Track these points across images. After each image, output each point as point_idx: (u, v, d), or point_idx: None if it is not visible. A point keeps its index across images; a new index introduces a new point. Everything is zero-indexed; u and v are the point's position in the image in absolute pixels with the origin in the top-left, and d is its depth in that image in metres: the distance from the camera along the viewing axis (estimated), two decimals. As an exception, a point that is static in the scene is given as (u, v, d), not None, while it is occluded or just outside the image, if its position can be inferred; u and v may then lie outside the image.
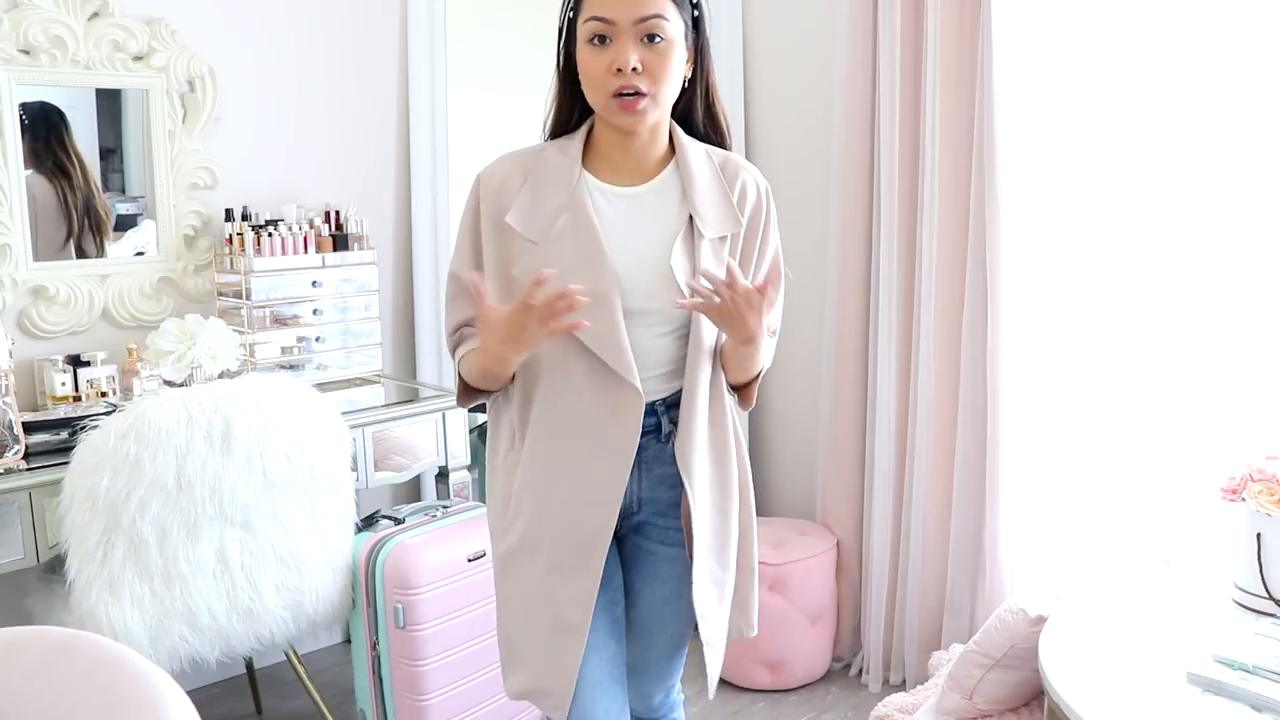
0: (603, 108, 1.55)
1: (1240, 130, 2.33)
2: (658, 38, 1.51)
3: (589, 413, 1.57)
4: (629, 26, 1.50)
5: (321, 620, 2.43)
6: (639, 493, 1.66)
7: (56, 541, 2.18)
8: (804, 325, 3.19)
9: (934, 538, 2.81)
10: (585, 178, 1.60)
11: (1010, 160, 2.58)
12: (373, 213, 3.19)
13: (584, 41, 1.53)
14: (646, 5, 1.50)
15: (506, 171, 1.61)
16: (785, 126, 3.19)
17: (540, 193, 1.58)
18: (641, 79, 1.51)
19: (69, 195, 2.70)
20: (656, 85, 1.52)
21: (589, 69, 1.53)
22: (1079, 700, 1.66)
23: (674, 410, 1.63)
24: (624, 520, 1.66)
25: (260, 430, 2.26)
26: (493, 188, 1.60)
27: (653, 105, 1.54)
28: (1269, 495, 1.92)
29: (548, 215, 1.57)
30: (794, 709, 2.87)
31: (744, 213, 1.63)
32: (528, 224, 1.57)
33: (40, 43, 2.59)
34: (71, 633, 1.60)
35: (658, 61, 1.51)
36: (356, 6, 3.17)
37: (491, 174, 1.62)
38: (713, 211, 1.60)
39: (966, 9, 2.62)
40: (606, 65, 1.51)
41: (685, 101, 1.63)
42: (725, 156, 1.66)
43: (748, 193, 1.64)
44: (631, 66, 1.49)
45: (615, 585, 1.70)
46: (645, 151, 1.61)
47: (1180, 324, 2.46)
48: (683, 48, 1.55)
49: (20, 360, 2.61)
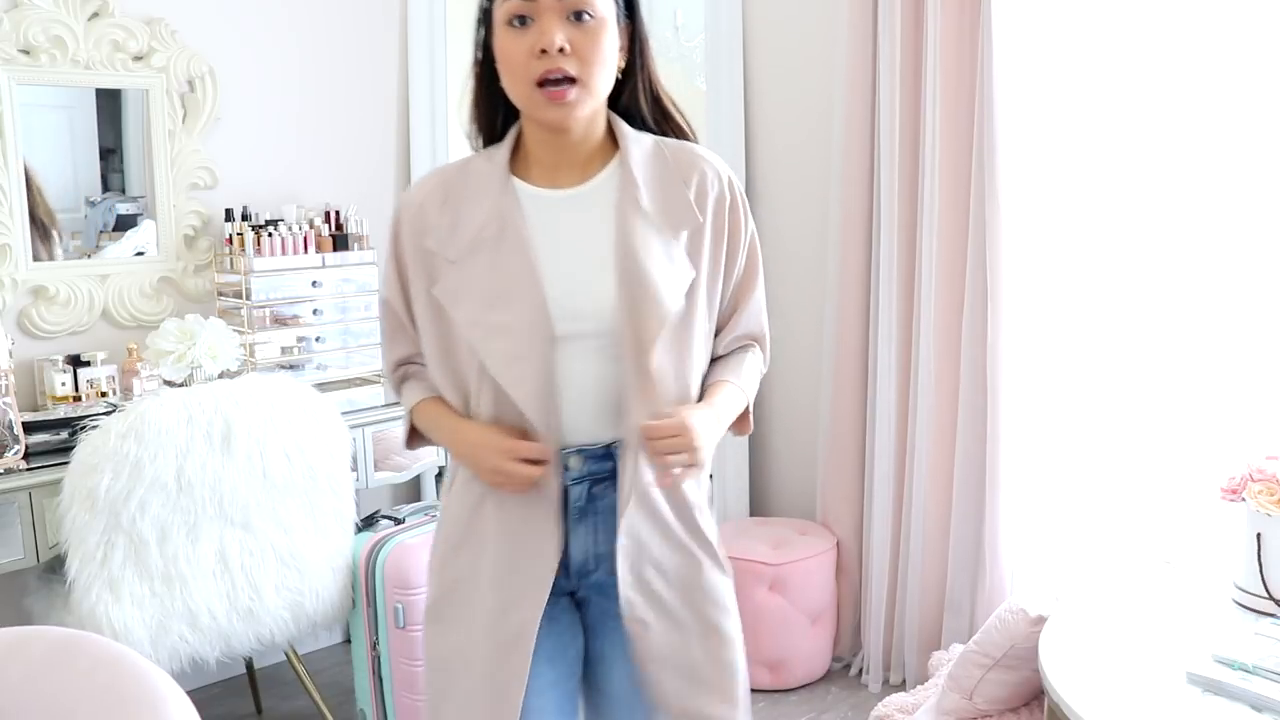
0: (526, 100, 1.35)
1: (1240, 130, 2.33)
2: (586, 15, 1.31)
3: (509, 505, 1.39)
4: (553, 2, 1.30)
5: (321, 620, 2.43)
6: (594, 549, 1.43)
7: (56, 541, 2.18)
8: (804, 325, 3.19)
9: (934, 538, 2.81)
10: (513, 185, 1.41)
11: (1010, 160, 2.58)
12: (373, 213, 3.19)
13: (502, 24, 1.33)
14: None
15: (427, 193, 1.43)
16: (785, 128, 3.19)
17: (461, 210, 1.40)
18: (569, 61, 1.30)
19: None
20: (587, 69, 1.32)
21: (508, 54, 1.33)
22: (1079, 700, 1.66)
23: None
24: (581, 580, 1.44)
25: (260, 430, 2.26)
26: (412, 213, 1.43)
27: (584, 94, 1.33)
28: (1269, 495, 1.92)
29: (469, 231, 1.38)
30: (794, 709, 2.87)
31: (705, 210, 1.41)
32: (446, 244, 1.39)
33: (40, 43, 2.59)
34: (71, 632, 1.60)
35: (587, 42, 1.31)
36: (356, 6, 3.17)
37: (410, 199, 1.45)
38: (664, 209, 1.39)
39: (966, 10, 2.62)
40: (528, 48, 1.31)
41: (627, 94, 1.43)
42: (679, 146, 1.45)
43: (708, 186, 1.42)
44: (558, 47, 1.29)
45: (570, 659, 1.48)
46: (580, 148, 1.40)
47: (1180, 324, 2.46)
48: (615, 31, 1.35)
49: (20, 360, 2.60)
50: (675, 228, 1.39)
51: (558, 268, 1.37)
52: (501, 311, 1.34)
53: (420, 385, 1.50)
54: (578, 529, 1.42)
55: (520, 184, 1.41)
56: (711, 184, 1.43)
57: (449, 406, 1.44)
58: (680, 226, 1.40)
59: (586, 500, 1.41)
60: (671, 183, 1.41)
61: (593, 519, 1.42)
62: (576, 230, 1.39)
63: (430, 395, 1.47)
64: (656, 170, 1.41)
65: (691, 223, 1.40)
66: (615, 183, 1.40)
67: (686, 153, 1.44)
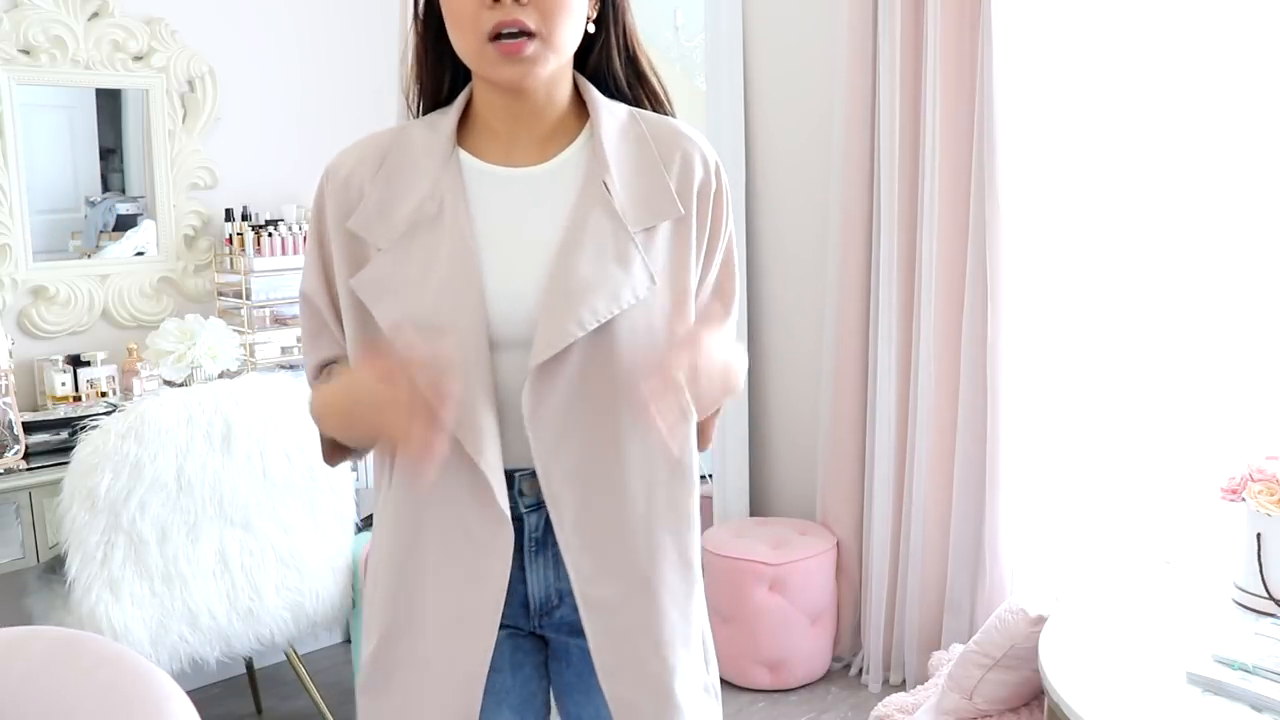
0: (476, 56, 1.12)
1: (1240, 130, 2.33)
2: None
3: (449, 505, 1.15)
4: None
5: (321, 620, 2.43)
6: (555, 583, 1.21)
7: (56, 541, 2.18)
8: (804, 326, 3.19)
9: (934, 538, 2.81)
10: (460, 158, 1.19)
11: (1010, 161, 2.58)
12: (373, 213, 3.19)
13: None
14: None
15: (356, 160, 1.21)
16: (785, 128, 3.19)
17: (396, 185, 1.17)
18: (527, 12, 1.09)
19: None
20: (548, 22, 1.10)
21: (455, 10, 1.11)
22: (1079, 700, 1.66)
23: None
24: (543, 619, 1.24)
25: (260, 430, 2.26)
26: (337, 185, 1.20)
27: (544, 49, 1.11)
28: (1269, 495, 1.92)
29: (402, 211, 1.15)
30: (794, 709, 2.87)
31: (688, 201, 1.18)
32: (372, 225, 1.16)
33: (40, 43, 2.59)
34: (72, 632, 1.60)
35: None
36: (356, 7, 3.17)
37: (336, 168, 1.22)
38: (636, 194, 1.16)
39: (966, 10, 2.62)
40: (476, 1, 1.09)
41: (597, 53, 1.22)
42: (659, 121, 1.23)
43: (692, 169, 1.19)
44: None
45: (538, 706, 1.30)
46: (542, 117, 1.19)
47: (1180, 324, 2.46)
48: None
49: (20, 360, 2.60)
50: (650, 220, 1.16)
51: (502, 262, 1.14)
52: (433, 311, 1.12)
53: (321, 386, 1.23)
54: (535, 561, 1.20)
55: (467, 158, 1.19)
56: (696, 170, 1.20)
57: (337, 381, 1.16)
58: (656, 218, 1.17)
59: (543, 529, 1.19)
60: (649, 166, 1.18)
61: (552, 549, 1.19)
62: (529, 217, 1.17)
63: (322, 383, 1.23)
64: (632, 149, 1.19)
65: (671, 213, 1.17)
66: (582, 162, 1.18)
67: (667, 129, 1.22)
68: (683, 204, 1.18)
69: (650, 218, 1.16)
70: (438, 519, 1.17)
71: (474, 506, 1.14)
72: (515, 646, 1.25)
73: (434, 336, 1.10)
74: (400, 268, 1.14)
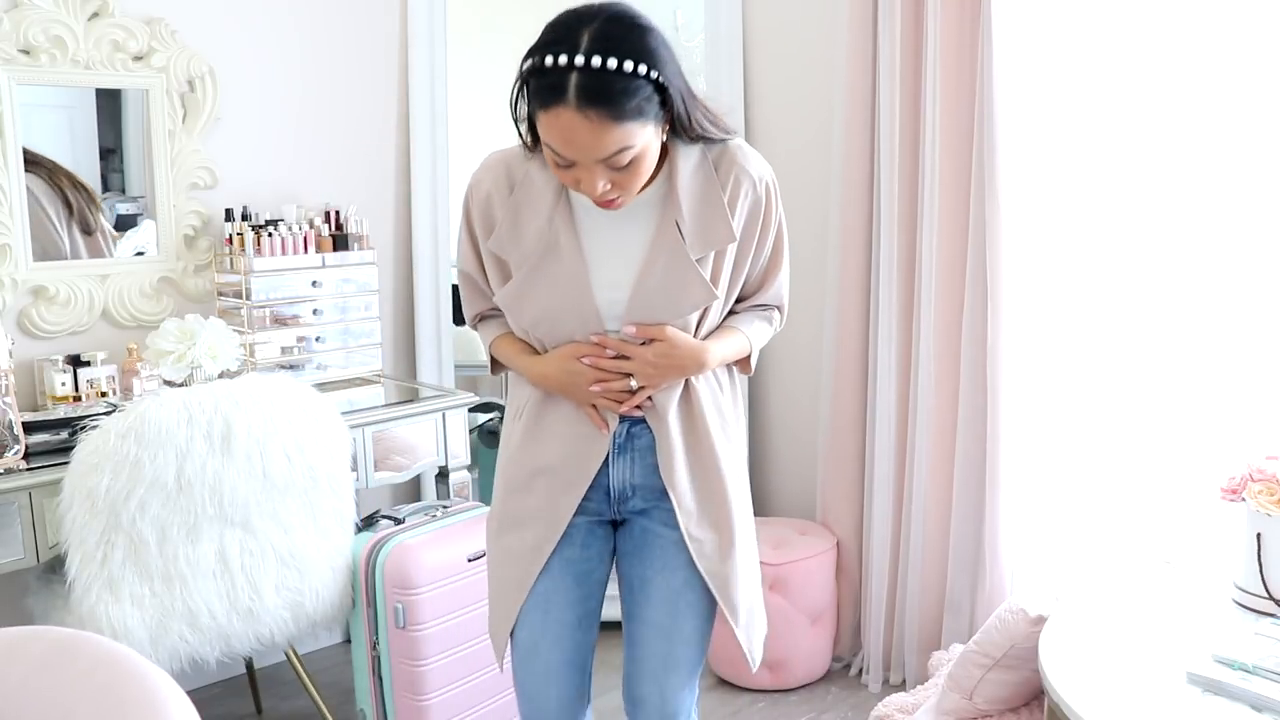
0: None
1: (1240, 130, 2.33)
2: (623, 161, 1.45)
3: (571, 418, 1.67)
4: (591, 164, 1.45)
5: (321, 620, 2.42)
6: (631, 479, 1.68)
7: (56, 541, 2.18)
8: (804, 325, 3.19)
9: (934, 538, 2.81)
10: (568, 194, 1.59)
11: (1010, 161, 2.58)
12: (373, 213, 3.19)
13: (546, 149, 1.48)
14: (604, 147, 1.42)
15: (492, 183, 1.62)
16: (785, 129, 3.19)
17: (522, 215, 1.60)
18: (613, 191, 1.49)
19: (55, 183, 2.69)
20: (630, 188, 1.51)
21: (559, 172, 1.50)
22: (1079, 700, 1.66)
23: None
24: (621, 505, 1.71)
25: (260, 430, 2.26)
26: (480, 200, 1.64)
27: (629, 197, 1.53)
28: (1269, 495, 1.92)
29: (529, 242, 1.60)
30: (794, 709, 2.87)
31: (739, 213, 1.61)
32: (509, 251, 1.62)
33: (40, 43, 2.59)
34: (71, 633, 1.60)
35: (627, 177, 1.48)
36: (356, 7, 3.17)
37: (478, 184, 1.65)
38: (702, 227, 1.58)
39: (966, 9, 2.62)
40: (574, 181, 1.49)
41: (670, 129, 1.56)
42: (721, 151, 1.62)
43: (742, 190, 1.61)
44: (600, 191, 1.48)
45: (595, 581, 1.75)
46: None
47: (1180, 324, 2.46)
48: (655, 139, 1.49)
49: (20, 360, 2.60)
50: (709, 245, 1.59)
51: (605, 274, 1.60)
52: (560, 311, 1.61)
53: (495, 324, 1.76)
54: (618, 461, 1.68)
55: (574, 195, 1.59)
56: (747, 190, 1.62)
57: (524, 345, 1.71)
58: (714, 244, 1.60)
59: (625, 438, 1.67)
60: (711, 194, 1.59)
61: (630, 454, 1.68)
62: (623, 240, 1.60)
63: (505, 331, 1.74)
64: (700, 182, 1.59)
65: (726, 238, 1.60)
66: (661, 199, 1.59)
67: (728, 158, 1.62)
68: (734, 227, 1.61)
69: (707, 244, 1.59)
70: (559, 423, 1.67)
71: (586, 422, 1.66)
72: (590, 530, 1.73)
73: (557, 329, 1.62)
74: (531, 286, 1.61)
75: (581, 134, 1.40)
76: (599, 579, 1.76)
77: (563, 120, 1.40)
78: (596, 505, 1.70)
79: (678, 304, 1.60)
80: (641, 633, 1.73)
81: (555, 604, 1.71)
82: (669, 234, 1.58)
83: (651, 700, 1.73)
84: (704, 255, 1.59)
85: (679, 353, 1.61)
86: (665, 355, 1.60)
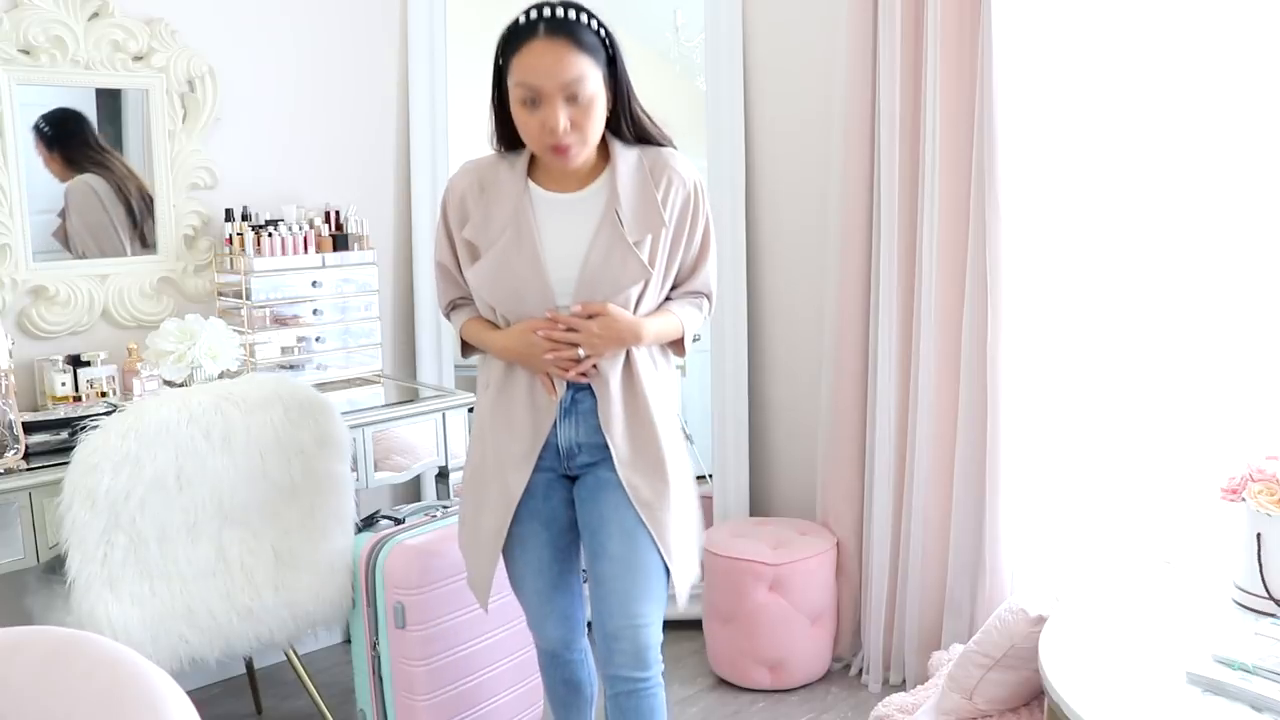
0: (540, 152, 1.85)
1: (1240, 131, 2.33)
2: (581, 96, 1.77)
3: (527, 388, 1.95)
4: (555, 91, 1.75)
5: (321, 620, 2.42)
6: (576, 439, 1.96)
7: (56, 541, 2.18)
8: (804, 325, 3.19)
9: (934, 538, 2.81)
10: (530, 190, 1.91)
11: (1010, 160, 2.58)
12: (373, 213, 3.19)
13: (516, 101, 1.80)
14: (567, 69, 1.75)
15: (466, 185, 1.94)
16: (785, 129, 3.19)
17: (491, 208, 1.91)
18: (570, 134, 1.78)
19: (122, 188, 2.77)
20: (583, 134, 1.80)
21: (524, 126, 1.81)
22: (1079, 700, 1.66)
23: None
24: (571, 461, 1.98)
25: (260, 430, 2.26)
26: (455, 201, 1.95)
27: (582, 148, 1.82)
28: (1269, 495, 1.92)
29: (496, 228, 1.89)
30: (794, 709, 2.87)
31: (671, 208, 1.91)
32: (479, 236, 1.91)
33: (40, 43, 2.59)
34: (71, 633, 1.60)
35: (583, 116, 1.79)
36: (356, 6, 3.17)
37: (454, 186, 1.96)
38: (638, 216, 1.88)
39: (966, 9, 2.62)
40: (539, 125, 1.78)
41: (613, 122, 1.88)
42: (655, 156, 1.92)
43: (673, 188, 1.91)
44: (562, 128, 1.76)
45: (560, 526, 2.04)
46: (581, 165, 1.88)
47: (1180, 324, 2.46)
48: (603, 92, 1.81)
49: (20, 360, 2.60)
50: (644, 231, 1.88)
51: (556, 256, 1.88)
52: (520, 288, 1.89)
53: (465, 310, 2.04)
54: (563, 423, 1.96)
55: (534, 187, 1.91)
56: (677, 188, 1.92)
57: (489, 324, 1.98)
58: (648, 230, 1.89)
59: (571, 403, 1.95)
60: (646, 190, 1.90)
61: (574, 416, 1.95)
62: (572, 227, 1.89)
63: (474, 316, 2.01)
64: (637, 180, 1.90)
65: (656, 226, 1.89)
66: (604, 192, 1.90)
67: (661, 161, 1.93)
68: (665, 217, 1.90)
69: (643, 230, 1.89)
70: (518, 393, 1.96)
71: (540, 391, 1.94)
72: (549, 482, 2.01)
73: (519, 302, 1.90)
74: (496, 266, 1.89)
75: (547, 58, 1.74)
76: (563, 525, 2.04)
77: (533, 50, 1.75)
78: (549, 462, 1.98)
79: (618, 280, 1.87)
80: (607, 569, 1.94)
81: (530, 545, 2.03)
82: (610, 221, 1.87)
83: (624, 633, 1.92)
84: (640, 239, 1.87)
85: (619, 325, 1.87)
86: (607, 327, 1.86)
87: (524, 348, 1.89)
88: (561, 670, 2.16)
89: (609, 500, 1.95)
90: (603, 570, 1.95)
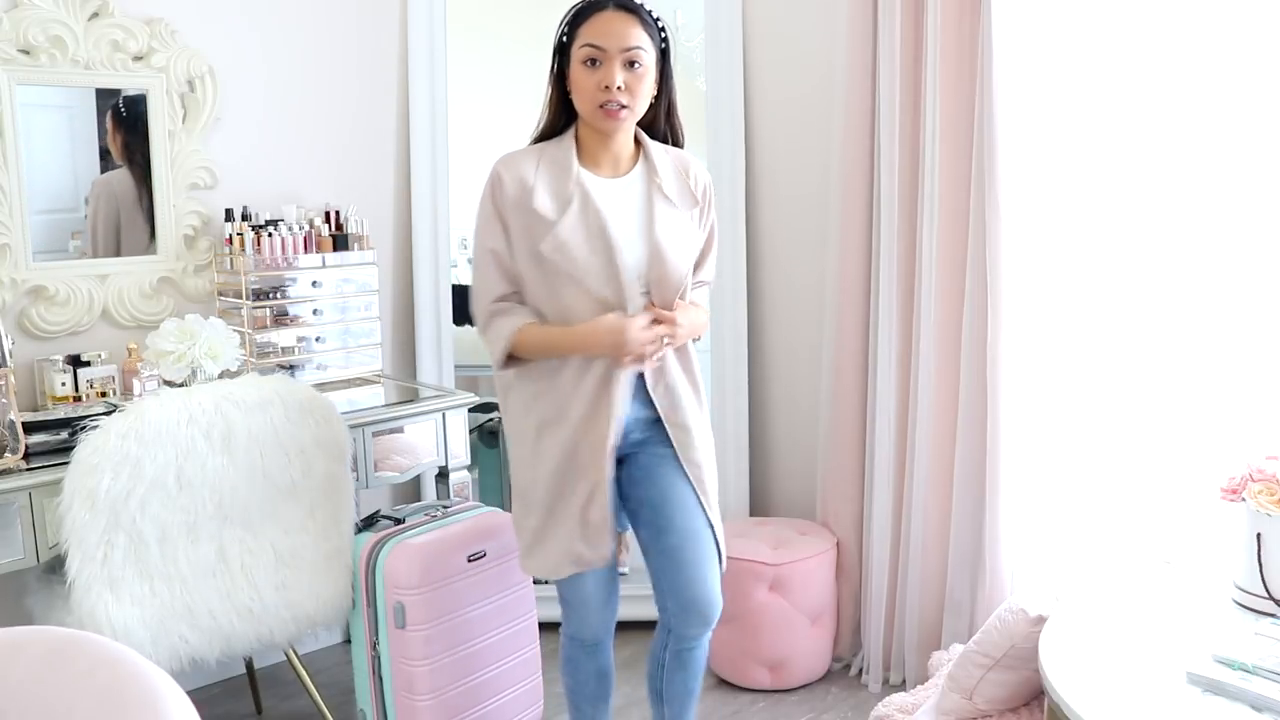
0: (590, 115, 1.99)
1: (1240, 131, 2.33)
2: (637, 64, 1.97)
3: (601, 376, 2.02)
4: (616, 54, 1.95)
5: (321, 620, 2.42)
6: (635, 415, 2.09)
7: (56, 541, 2.18)
8: (804, 325, 3.19)
9: (934, 538, 2.81)
10: (580, 170, 2.03)
11: (1010, 160, 2.58)
12: (373, 213, 3.19)
13: (578, 63, 1.98)
14: (630, 38, 1.96)
15: (521, 166, 2.03)
16: (785, 128, 3.19)
17: (553, 179, 2.02)
18: (623, 95, 1.96)
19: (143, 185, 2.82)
20: (634, 100, 1.99)
21: (582, 85, 1.98)
22: (1079, 700, 1.66)
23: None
24: (626, 439, 2.08)
25: (260, 430, 2.26)
26: (514, 178, 2.02)
27: (630, 115, 2.00)
28: (1269, 495, 1.92)
29: (561, 200, 2.00)
30: (794, 709, 2.87)
31: (699, 193, 2.13)
32: (548, 207, 1.99)
33: (40, 43, 2.59)
34: (71, 633, 1.60)
35: (636, 82, 1.98)
36: (356, 7, 3.17)
37: (510, 165, 2.04)
38: (678, 193, 2.09)
39: (966, 9, 2.62)
40: (596, 83, 1.96)
41: (651, 112, 2.08)
42: (679, 153, 2.15)
43: (699, 179, 2.14)
44: (618, 85, 1.94)
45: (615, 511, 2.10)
46: (620, 150, 2.07)
47: (1180, 324, 2.46)
48: (653, 72, 2.01)
49: (20, 360, 2.60)
50: (687, 207, 2.10)
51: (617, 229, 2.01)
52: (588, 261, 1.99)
53: (512, 318, 2.05)
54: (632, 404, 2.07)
55: (582, 170, 2.04)
56: (698, 180, 2.14)
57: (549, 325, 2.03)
58: (689, 206, 2.10)
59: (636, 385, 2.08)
60: (679, 176, 2.11)
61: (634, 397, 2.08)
62: (622, 207, 2.04)
63: (528, 322, 2.03)
64: (670, 167, 2.11)
65: (694, 204, 2.12)
66: (642, 175, 2.08)
67: (684, 157, 2.15)
68: (698, 198, 2.13)
69: (686, 205, 2.10)
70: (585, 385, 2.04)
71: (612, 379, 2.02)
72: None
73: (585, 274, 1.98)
74: (568, 232, 1.99)
75: (615, 24, 1.95)
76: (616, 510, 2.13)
77: (603, 17, 1.96)
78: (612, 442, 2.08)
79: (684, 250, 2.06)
80: (676, 542, 2.08)
81: None
82: (659, 197, 2.06)
83: (702, 600, 2.09)
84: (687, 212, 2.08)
85: (697, 320, 2.11)
86: (692, 321, 2.08)
87: (618, 337, 1.97)
88: (598, 660, 2.25)
89: (667, 475, 2.10)
90: (671, 544, 2.09)
